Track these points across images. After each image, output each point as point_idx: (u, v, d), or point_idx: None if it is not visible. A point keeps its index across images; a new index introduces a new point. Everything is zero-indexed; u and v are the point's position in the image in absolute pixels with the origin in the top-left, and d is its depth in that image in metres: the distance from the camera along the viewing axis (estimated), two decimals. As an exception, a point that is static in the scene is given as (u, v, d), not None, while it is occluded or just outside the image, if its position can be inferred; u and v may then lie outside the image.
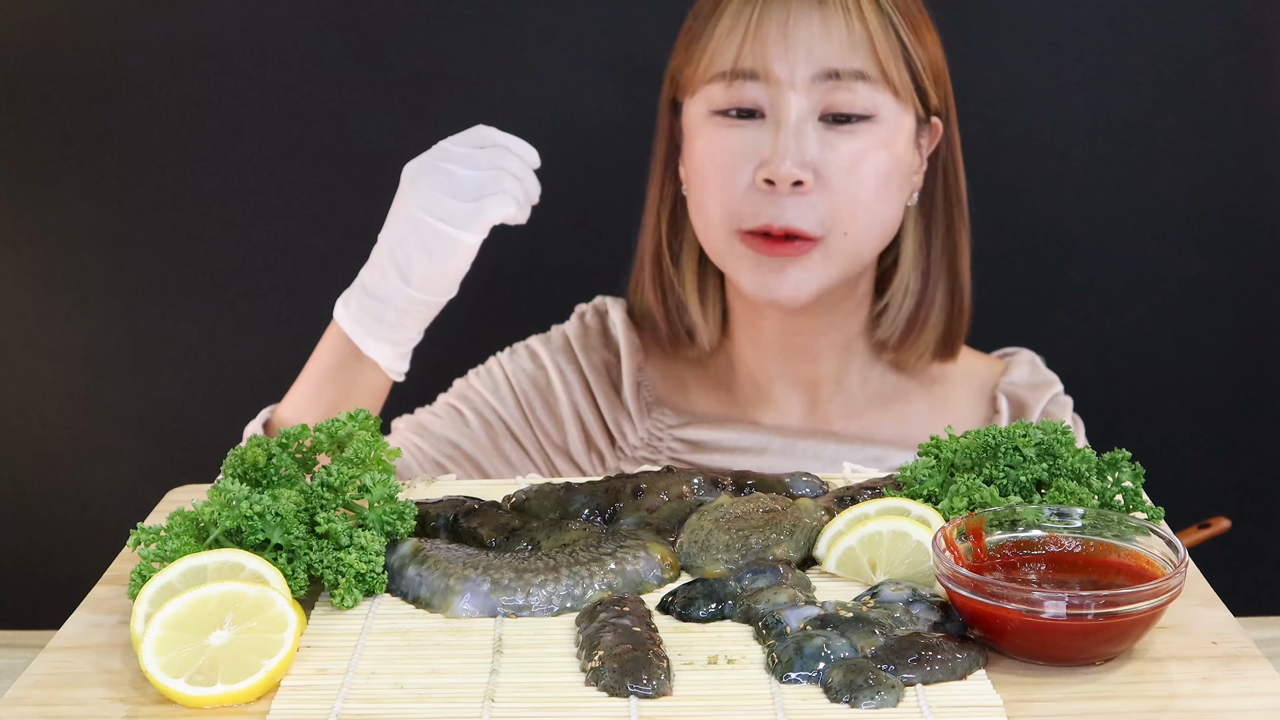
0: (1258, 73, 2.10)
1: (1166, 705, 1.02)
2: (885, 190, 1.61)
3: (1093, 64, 2.11)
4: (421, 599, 1.16)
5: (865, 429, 1.72)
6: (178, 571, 1.10)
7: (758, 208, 1.58)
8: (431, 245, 1.51)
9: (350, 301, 1.56)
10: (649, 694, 1.02)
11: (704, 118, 1.62)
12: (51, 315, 2.18)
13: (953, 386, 1.75)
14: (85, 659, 1.10)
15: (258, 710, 1.03)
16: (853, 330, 1.70)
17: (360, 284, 1.56)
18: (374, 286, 1.54)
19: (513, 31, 2.12)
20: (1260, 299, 2.16)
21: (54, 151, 2.14)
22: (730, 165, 1.59)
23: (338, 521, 1.16)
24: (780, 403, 1.72)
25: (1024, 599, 1.04)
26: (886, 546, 1.17)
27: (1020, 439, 1.23)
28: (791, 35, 1.57)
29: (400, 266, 1.52)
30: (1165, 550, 1.10)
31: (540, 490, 1.31)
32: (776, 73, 1.57)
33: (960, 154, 1.69)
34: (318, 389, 1.57)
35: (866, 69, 1.57)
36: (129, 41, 2.12)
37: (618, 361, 1.76)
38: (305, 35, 2.12)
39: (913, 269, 1.68)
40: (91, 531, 2.16)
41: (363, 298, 1.55)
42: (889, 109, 1.59)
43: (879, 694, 1.01)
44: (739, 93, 1.59)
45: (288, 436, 1.23)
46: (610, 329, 1.77)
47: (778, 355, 1.70)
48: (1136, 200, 2.14)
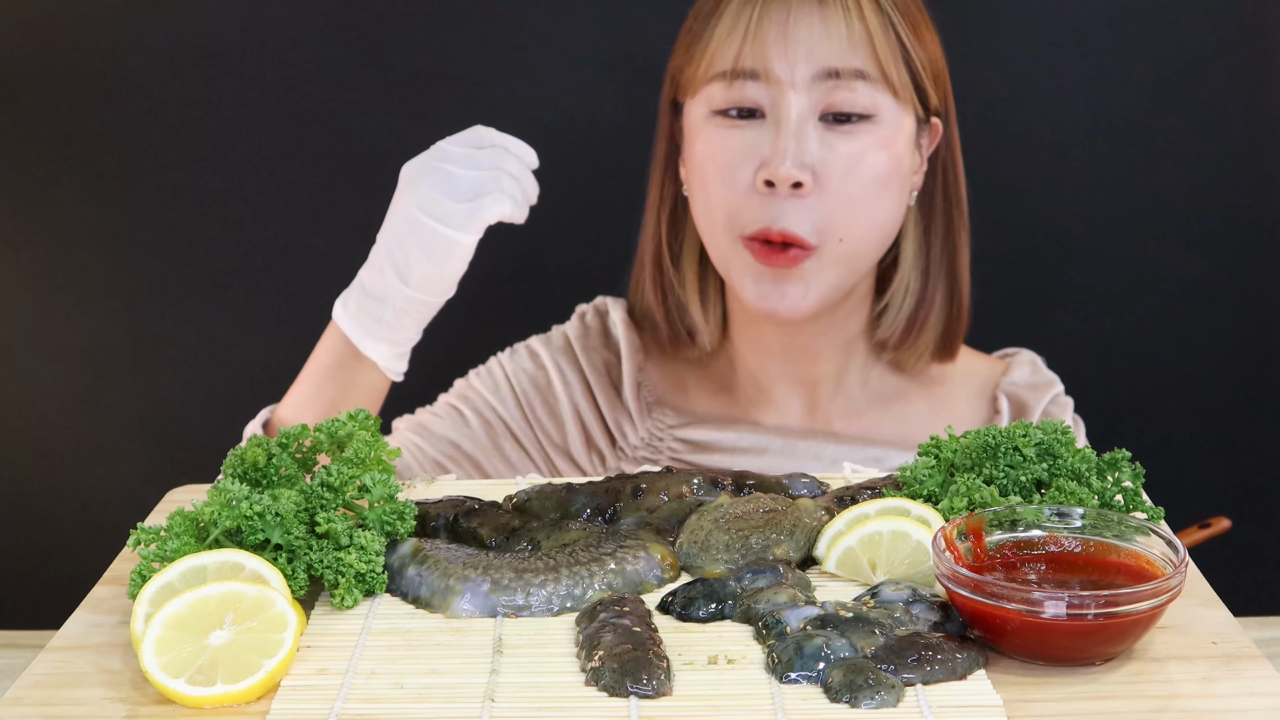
0: (1258, 73, 2.10)
1: (1166, 705, 1.02)
2: (884, 191, 1.61)
3: (1093, 64, 2.11)
4: (421, 599, 1.16)
5: (865, 429, 1.72)
6: (178, 571, 1.10)
7: (757, 211, 1.58)
8: (429, 246, 1.51)
9: (349, 301, 1.56)
10: (649, 694, 1.02)
11: (704, 118, 1.62)
12: (51, 315, 2.18)
13: (953, 387, 1.75)
14: (85, 659, 1.10)
15: (258, 710, 1.03)
16: (852, 330, 1.70)
17: (359, 284, 1.56)
18: (372, 286, 1.54)
19: (513, 31, 2.12)
20: (1260, 299, 2.16)
21: (54, 151, 2.14)
22: (730, 166, 1.59)
23: (338, 521, 1.16)
24: (780, 403, 1.72)
25: (1024, 599, 1.04)
26: (886, 546, 1.17)
27: (1020, 439, 1.23)
28: (791, 35, 1.57)
29: (399, 266, 1.52)
30: (1165, 550, 1.10)
31: (541, 490, 1.31)
32: (777, 72, 1.57)
33: (960, 154, 1.70)
34: (316, 388, 1.57)
35: (866, 68, 1.57)
36: (129, 41, 2.12)
37: (618, 362, 1.76)
38: (305, 35, 2.12)
39: (912, 269, 1.68)
40: (91, 531, 2.16)
41: (361, 297, 1.55)
42: (889, 109, 1.59)
43: (879, 694, 1.01)
44: (739, 92, 1.59)
45: (288, 436, 1.23)
46: (611, 329, 1.78)
47: (778, 355, 1.70)
48: (1136, 200, 2.14)
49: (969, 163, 1.72)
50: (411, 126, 2.11)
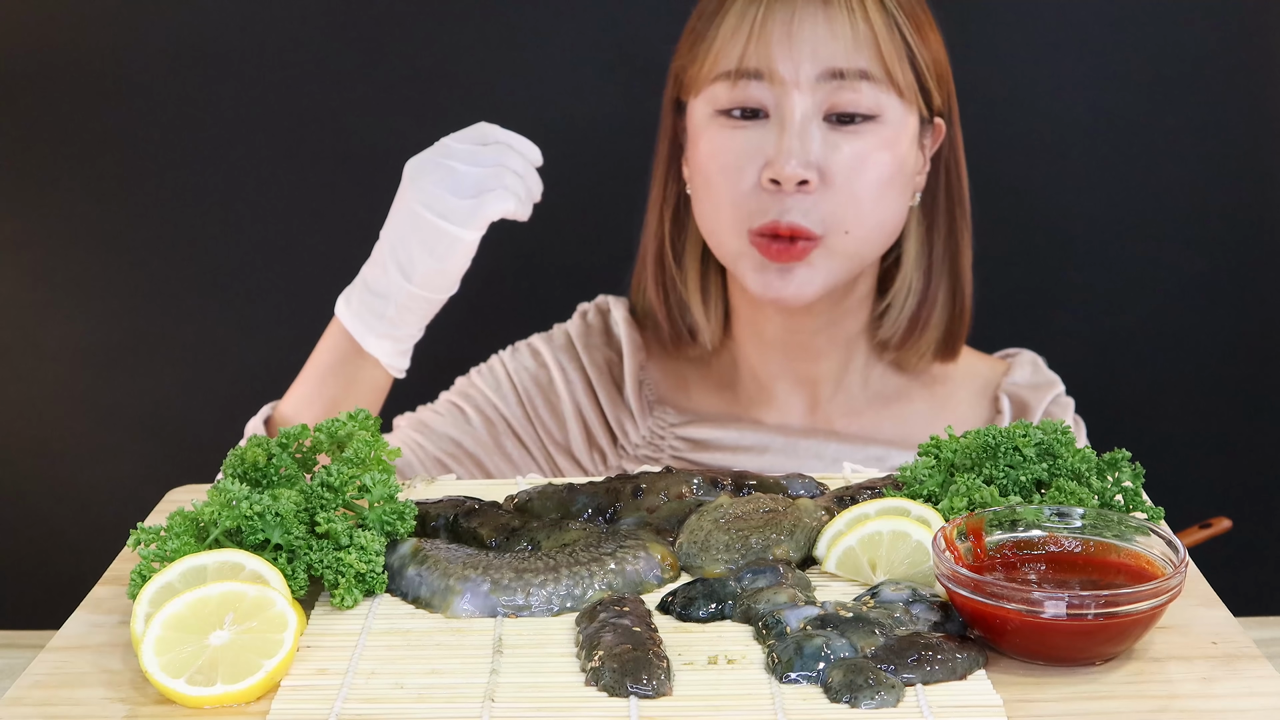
0: (1258, 73, 2.10)
1: (1166, 705, 1.02)
2: (888, 190, 1.61)
3: (1093, 64, 2.11)
4: (421, 599, 1.16)
5: (866, 429, 1.72)
6: (178, 571, 1.10)
7: (764, 206, 1.59)
8: (432, 242, 1.51)
9: (351, 298, 1.56)
10: (649, 694, 1.02)
11: (708, 118, 1.62)
12: (51, 315, 2.18)
13: (954, 387, 1.75)
14: (85, 659, 1.10)
15: (258, 710, 1.03)
16: (853, 329, 1.70)
17: (361, 280, 1.56)
18: (375, 283, 1.54)
19: (513, 32, 2.12)
20: (1260, 299, 2.16)
21: (54, 151, 2.14)
22: (735, 166, 1.59)
23: (338, 521, 1.16)
24: (782, 402, 1.72)
25: (1024, 599, 1.04)
26: (886, 546, 1.17)
27: (1020, 439, 1.23)
28: (796, 35, 1.57)
29: (401, 263, 1.52)
30: (1165, 550, 1.10)
31: (543, 491, 1.31)
32: (781, 72, 1.57)
33: (963, 154, 1.70)
34: (318, 385, 1.57)
35: (871, 69, 1.57)
36: (129, 41, 2.12)
37: (620, 360, 1.76)
38: (305, 35, 2.12)
39: (915, 269, 1.68)
40: (91, 531, 2.16)
41: (364, 294, 1.55)
42: (893, 109, 1.59)
43: (879, 694, 1.01)
44: (743, 92, 1.59)
45: (288, 436, 1.23)
46: (612, 327, 1.78)
47: (780, 353, 1.70)
48: (1136, 200, 2.14)
49: (969, 163, 1.72)
50: (412, 126, 2.11)
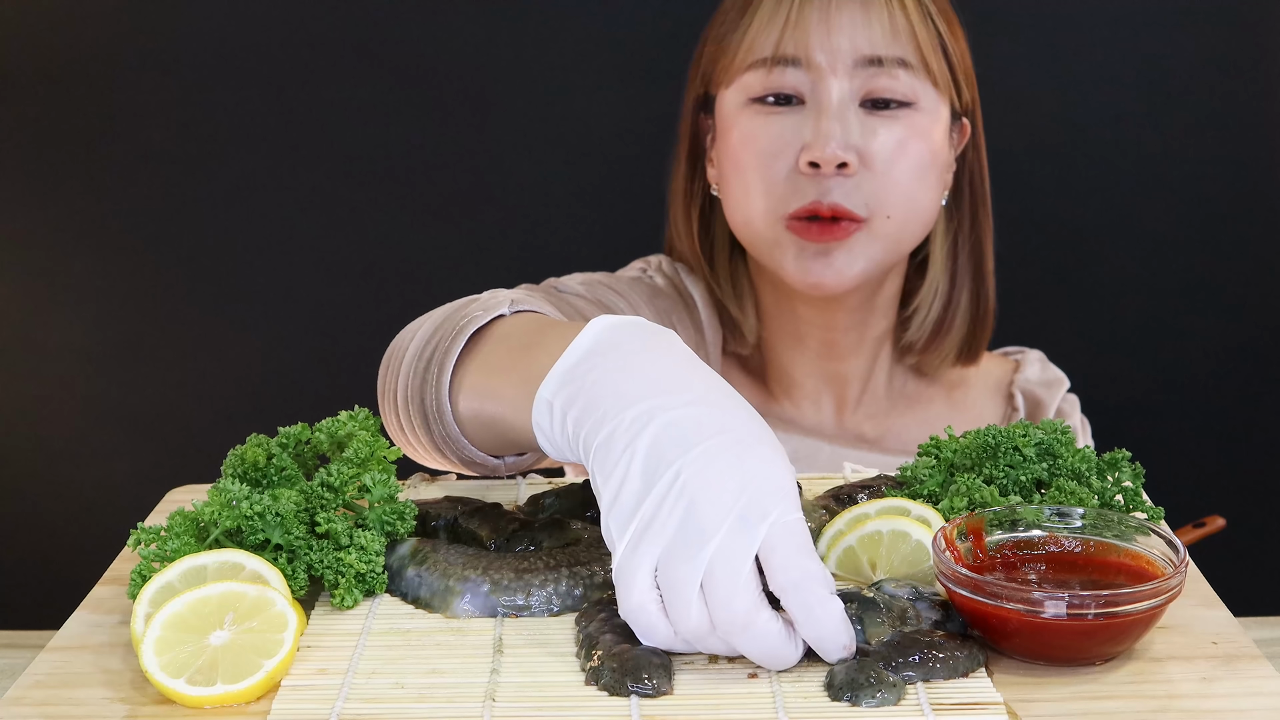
0: (1258, 73, 2.10)
1: (1166, 705, 1.02)
2: (926, 177, 1.60)
3: (1094, 65, 2.11)
4: (421, 600, 1.16)
5: (890, 431, 1.72)
6: (178, 571, 1.10)
7: (802, 189, 1.57)
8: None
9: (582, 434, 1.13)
10: (649, 693, 1.02)
11: (740, 106, 1.61)
12: (51, 315, 2.18)
13: (971, 388, 1.76)
14: (85, 659, 1.10)
15: (258, 710, 1.03)
16: (881, 330, 1.70)
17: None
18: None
19: (513, 32, 2.12)
20: (1260, 299, 2.16)
21: (54, 151, 2.14)
22: (770, 151, 1.58)
23: (338, 521, 1.16)
24: (811, 402, 1.72)
25: (1024, 599, 1.04)
26: (886, 546, 1.17)
27: (1020, 439, 1.23)
28: (834, 22, 1.57)
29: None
30: (1165, 550, 1.10)
31: (562, 491, 1.30)
32: (818, 59, 1.57)
33: (985, 157, 1.69)
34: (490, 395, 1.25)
35: (908, 57, 1.57)
36: (129, 41, 2.12)
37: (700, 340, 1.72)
38: (305, 35, 2.13)
39: (942, 273, 1.68)
40: (91, 531, 2.16)
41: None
42: (928, 98, 1.59)
43: (880, 692, 1.01)
44: (779, 78, 1.58)
45: (288, 436, 1.23)
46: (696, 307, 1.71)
47: (810, 351, 1.69)
48: (1137, 200, 2.14)
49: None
50: (412, 126, 2.11)
